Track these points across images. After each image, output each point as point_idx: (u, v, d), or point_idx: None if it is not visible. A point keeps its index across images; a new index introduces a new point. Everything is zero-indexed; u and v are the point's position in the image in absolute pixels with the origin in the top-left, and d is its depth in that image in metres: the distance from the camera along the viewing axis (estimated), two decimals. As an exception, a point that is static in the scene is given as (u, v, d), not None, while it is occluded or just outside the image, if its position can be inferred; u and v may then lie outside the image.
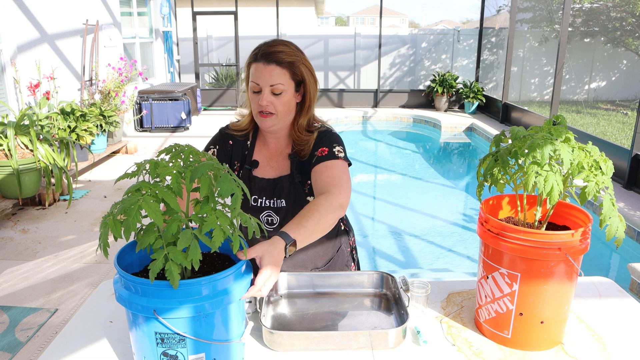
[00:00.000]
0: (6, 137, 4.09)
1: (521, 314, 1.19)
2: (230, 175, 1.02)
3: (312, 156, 1.53)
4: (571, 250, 1.12)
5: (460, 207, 5.53)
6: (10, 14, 4.96)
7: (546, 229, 1.24)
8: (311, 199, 1.57)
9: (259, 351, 1.21)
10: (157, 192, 0.96)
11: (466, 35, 11.20)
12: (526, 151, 1.14)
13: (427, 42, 11.33)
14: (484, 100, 9.50)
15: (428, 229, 4.72)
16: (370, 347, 1.20)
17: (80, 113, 5.28)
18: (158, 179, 1.00)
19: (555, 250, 1.11)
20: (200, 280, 0.98)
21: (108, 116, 5.76)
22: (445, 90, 9.71)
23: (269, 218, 1.59)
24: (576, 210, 1.27)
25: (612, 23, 11.63)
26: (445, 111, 9.92)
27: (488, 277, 1.23)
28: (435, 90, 9.78)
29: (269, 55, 1.45)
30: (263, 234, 1.59)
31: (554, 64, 7.52)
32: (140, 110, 7.66)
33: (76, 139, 5.13)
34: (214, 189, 1.01)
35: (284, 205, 1.57)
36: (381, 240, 4.45)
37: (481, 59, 10.22)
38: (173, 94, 7.76)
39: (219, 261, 1.14)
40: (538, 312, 1.18)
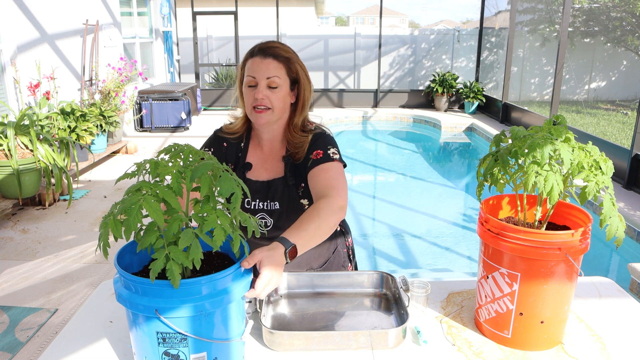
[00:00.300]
0: (6, 137, 4.10)
1: (521, 313, 1.19)
2: (231, 174, 1.02)
3: (307, 159, 1.53)
4: (571, 250, 1.12)
5: (460, 207, 5.53)
6: (10, 14, 4.96)
7: (546, 229, 1.24)
8: (305, 201, 1.57)
9: (259, 351, 1.21)
10: (157, 191, 0.96)
11: (466, 35, 11.20)
12: (526, 151, 1.14)
13: (427, 42, 11.33)
14: (484, 100, 9.50)
15: (428, 228, 4.72)
16: (370, 347, 1.20)
17: (80, 113, 5.28)
18: (158, 179, 1.00)
19: (555, 250, 1.11)
20: (201, 279, 0.98)
21: (108, 116, 5.76)
22: (445, 90, 9.70)
23: (263, 220, 1.59)
24: (576, 210, 1.27)
25: (612, 23, 11.62)
26: (445, 111, 9.92)
27: (488, 277, 1.23)
28: (435, 90, 9.77)
29: (266, 50, 1.48)
30: (263, 234, 1.60)
31: (554, 64, 7.52)
32: (140, 110, 7.66)
33: (76, 139, 5.13)
34: (214, 188, 1.01)
35: (278, 207, 1.57)
36: (381, 240, 4.45)
37: (481, 59, 10.21)
38: (173, 94, 7.76)
39: (217, 260, 1.14)
40: (538, 312, 1.18)
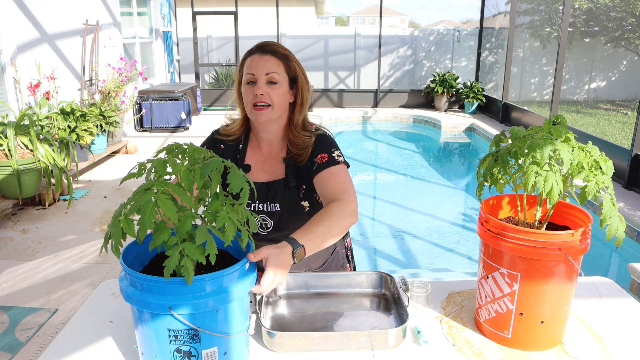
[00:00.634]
0: (6, 137, 4.09)
1: (521, 313, 1.19)
2: (238, 171, 1.04)
3: (311, 162, 1.53)
4: (571, 250, 1.12)
5: (460, 207, 5.53)
6: (10, 14, 4.96)
7: (546, 229, 1.24)
8: (305, 203, 1.56)
9: (259, 352, 1.20)
10: (169, 189, 0.98)
11: (466, 35, 11.20)
12: (526, 151, 1.14)
13: (427, 42, 11.33)
14: (484, 100, 9.50)
15: (428, 228, 4.72)
16: (370, 347, 1.20)
17: (80, 113, 5.28)
18: (167, 177, 1.02)
19: (555, 250, 1.11)
20: (214, 275, 1.00)
21: (108, 116, 5.76)
22: (445, 90, 9.70)
23: (263, 222, 1.59)
24: (576, 210, 1.27)
25: (612, 23, 11.62)
26: (445, 111, 9.92)
27: (488, 277, 1.23)
28: (435, 90, 9.77)
29: (264, 47, 1.51)
30: (263, 235, 1.60)
31: (554, 64, 7.52)
32: (140, 110, 7.66)
33: (76, 139, 5.13)
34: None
35: (278, 209, 1.56)
36: (381, 240, 4.45)
37: (481, 59, 10.21)
38: (173, 94, 7.76)
39: (218, 257, 1.16)
40: (538, 312, 1.18)
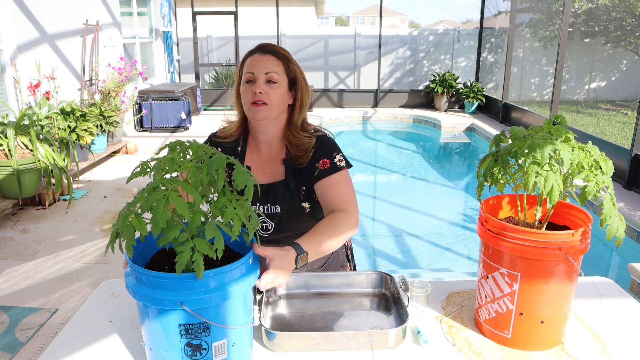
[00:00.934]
0: (6, 137, 4.09)
1: (521, 313, 1.19)
2: (242, 167, 1.05)
3: (313, 167, 1.53)
4: (571, 250, 1.12)
5: (460, 207, 5.53)
6: (10, 14, 4.96)
7: (546, 229, 1.24)
8: (306, 204, 1.56)
9: (259, 352, 1.20)
10: (179, 187, 0.99)
11: (466, 35, 11.20)
12: (526, 151, 1.14)
13: (427, 42, 11.33)
14: (484, 100, 9.49)
15: (428, 228, 4.72)
16: (370, 347, 1.20)
17: (80, 113, 5.28)
18: (175, 174, 1.03)
19: (556, 250, 1.11)
20: (222, 269, 1.01)
21: (108, 116, 5.76)
22: (445, 90, 9.70)
23: (263, 224, 1.59)
24: (576, 210, 1.27)
25: (612, 23, 11.62)
26: (445, 111, 9.92)
27: (488, 277, 1.23)
28: (435, 90, 9.77)
29: (265, 47, 1.53)
30: (263, 236, 1.60)
31: (554, 64, 7.52)
32: (140, 110, 7.66)
33: (76, 139, 5.13)
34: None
35: (279, 211, 1.56)
36: (381, 240, 4.45)
37: (481, 59, 10.21)
38: (173, 94, 7.76)
39: None
40: (538, 312, 1.18)
